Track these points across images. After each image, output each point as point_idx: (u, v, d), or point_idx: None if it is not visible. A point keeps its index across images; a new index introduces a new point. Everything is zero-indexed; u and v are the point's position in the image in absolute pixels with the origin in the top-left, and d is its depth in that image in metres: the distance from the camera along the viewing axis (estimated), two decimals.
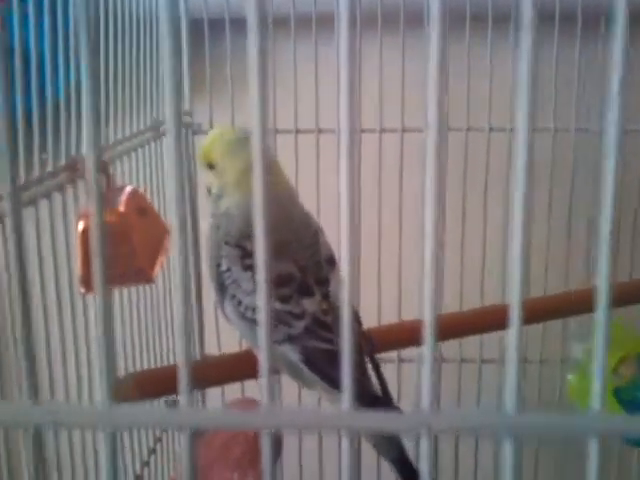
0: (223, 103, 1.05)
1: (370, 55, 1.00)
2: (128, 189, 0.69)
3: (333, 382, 0.73)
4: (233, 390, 1.00)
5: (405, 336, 0.94)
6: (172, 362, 0.97)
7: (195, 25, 1.06)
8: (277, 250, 0.71)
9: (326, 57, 1.02)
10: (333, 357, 0.72)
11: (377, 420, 0.30)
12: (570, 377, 0.98)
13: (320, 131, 1.06)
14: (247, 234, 0.74)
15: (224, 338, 1.05)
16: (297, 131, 1.06)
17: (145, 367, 0.88)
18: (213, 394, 1.06)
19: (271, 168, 0.77)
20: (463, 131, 1.06)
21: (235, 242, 0.75)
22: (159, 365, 0.93)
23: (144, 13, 0.91)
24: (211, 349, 1.09)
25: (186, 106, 1.08)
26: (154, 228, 0.68)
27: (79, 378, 0.65)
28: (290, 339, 0.74)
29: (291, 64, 1.03)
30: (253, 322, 0.75)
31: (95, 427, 0.30)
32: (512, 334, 0.29)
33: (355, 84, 0.28)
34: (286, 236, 0.76)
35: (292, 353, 0.74)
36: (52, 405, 0.30)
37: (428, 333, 0.29)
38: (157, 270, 0.68)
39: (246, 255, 0.74)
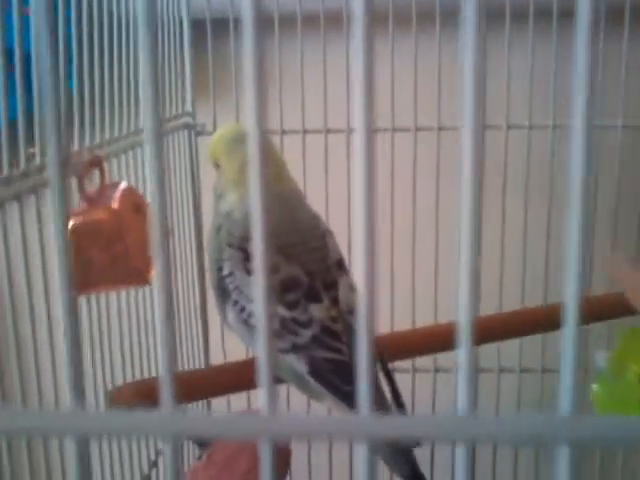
0: (227, 104, 1.02)
1: (381, 54, 0.96)
2: (123, 185, 0.65)
3: (342, 395, 0.68)
4: (240, 400, 0.95)
5: (420, 343, 0.90)
6: (178, 370, 0.92)
7: (198, 25, 1.03)
8: (282, 253, 0.66)
9: (333, 56, 0.99)
10: (342, 368, 0.68)
11: (406, 426, 0.25)
12: (594, 387, 0.93)
13: (328, 131, 1.02)
14: (250, 236, 0.69)
15: (230, 346, 1.00)
16: (304, 131, 1.03)
17: (147, 375, 0.83)
18: (218, 404, 1.02)
19: (276, 166, 0.73)
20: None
21: (238, 244, 0.71)
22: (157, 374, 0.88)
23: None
24: (217, 358, 1.05)
25: (188, 107, 1.04)
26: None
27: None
28: (296, 348, 0.69)
29: (298, 63, 1.00)
30: (256, 330, 0.70)
31: (60, 434, 0.26)
32: (569, 330, 0.25)
33: (372, 82, 0.24)
34: (291, 238, 0.71)
35: (298, 364, 0.69)
36: (17, 410, 0.25)
37: (466, 324, 0.25)
38: (154, 271, 0.63)
39: (250, 258, 0.70)
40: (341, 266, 0.74)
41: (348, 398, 0.68)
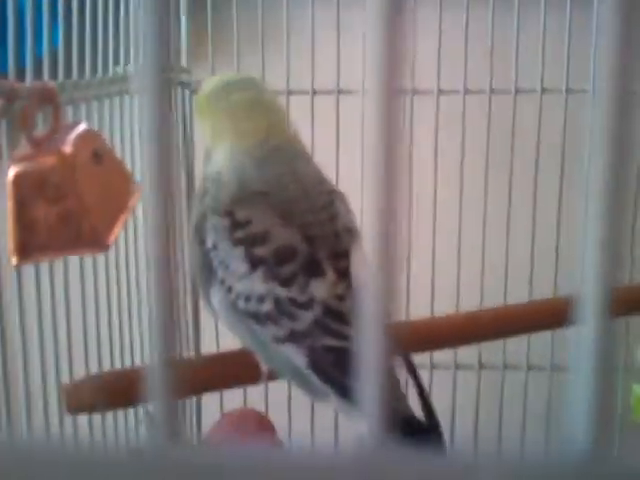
0: (228, 62, 0.93)
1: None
2: (82, 127, 0.52)
3: (347, 393, 0.56)
4: (234, 397, 0.87)
5: (441, 335, 0.78)
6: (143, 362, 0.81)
7: None
8: (278, 212, 0.56)
9: (347, 11, 0.90)
10: (349, 359, 0.56)
11: None
12: (636, 387, 0.89)
13: (340, 92, 0.93)
14: (239, 198, 0.59)
15: (224, 333, 0.89)
16: (314, 92, 0.93)
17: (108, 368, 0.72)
18: (210, 401, 0.91)
19: (271, 115, 0.62)
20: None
21: (224, 209, 0.59)
22: (125, 366, 0.77)
23: None
24: (209, 346, 0.94)
25: (183, 62, 0.95)
26: (115, 180, 0.51)
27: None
28: (294, 337, 0.57)
29: (309, 19, 0.91)
30: (247, 315, 0.58)
31: None
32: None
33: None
34: (289, 193, 0.59)
35: (296, 355, 0.57)
36: None
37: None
38: (115, 235, 0.51)
39: (237, 225, 0.58)
40: (353, 234, 0.61)
41: (354, 398, 0.55)
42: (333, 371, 0.56)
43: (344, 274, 0.58)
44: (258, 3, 0.90)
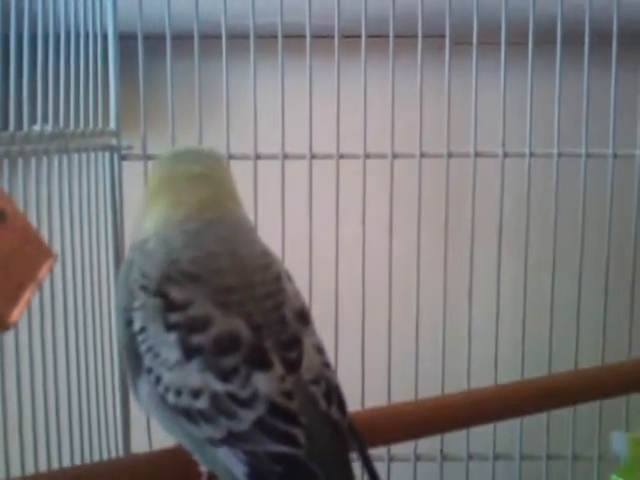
0: (161, 126, 0.89)
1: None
2: None
3: None
4: None
5: (400, 425, 0.70)
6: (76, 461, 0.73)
7: (131, 40, 0.88)
8: (217, 300, 0.51)
9: (292, 77, 0.88)
10: (295, 469, 0.48)
11: None
12: (614, 478, 0.79)
13: (286, 157, 0.88)
14: (169, 275, 0.52)
15: (157, 429, 0.81)
16: (257, 157, 0.88)
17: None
18: None
19: (214, 183, 0.58)
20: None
21: (155, 287, 0.51)
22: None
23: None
24: (140, 444, 0.86)
25: (112, 125, 0.88)
26: (22, 245, 0.42)
27: None
28: (231, 439, 0.48)
29: (251, 84, 0.87)
30: (178, 411, 0.49)
31: None
32: None
33: None
34: (231, 280, 0.52)
35: (233, 461, 0.48)
36: None
37: None
38: (20, 311, 0.41)
39: (171, 307, 0.50)
40: (304, 318, 0.54)
41: None
42: None
43: (293, 367, 0.50)
44: (195, 63, 0.85)
